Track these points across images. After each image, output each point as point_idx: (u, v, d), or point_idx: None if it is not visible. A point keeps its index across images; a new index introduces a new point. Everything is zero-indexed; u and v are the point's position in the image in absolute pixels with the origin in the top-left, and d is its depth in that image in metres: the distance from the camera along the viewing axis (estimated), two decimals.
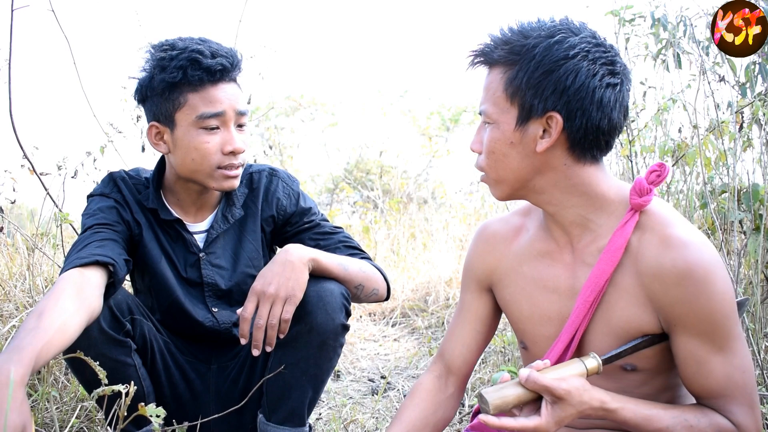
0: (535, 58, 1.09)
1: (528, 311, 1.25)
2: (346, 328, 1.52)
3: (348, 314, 1.53)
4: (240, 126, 1.54)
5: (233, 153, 1.51)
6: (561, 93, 1.08)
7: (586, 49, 1.09)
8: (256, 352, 1.43)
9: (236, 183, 1.55)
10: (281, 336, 1.44)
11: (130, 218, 1.57)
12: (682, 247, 1.07)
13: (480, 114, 1.18)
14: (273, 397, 1.52)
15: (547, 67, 1.08)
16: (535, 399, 1.09)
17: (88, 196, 1.61)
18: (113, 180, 1.61)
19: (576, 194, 1.15)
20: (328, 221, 1.73)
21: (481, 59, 1.17)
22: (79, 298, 1.24)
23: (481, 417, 1.08)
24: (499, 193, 1.20)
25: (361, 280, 1.57)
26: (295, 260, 1.44)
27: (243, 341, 1.45)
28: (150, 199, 1.59)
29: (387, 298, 1.66)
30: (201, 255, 1.62)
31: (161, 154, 1.60)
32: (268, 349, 1.44)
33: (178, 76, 1.45)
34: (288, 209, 1.68)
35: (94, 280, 1.31)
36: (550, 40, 1.09)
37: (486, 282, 1.34)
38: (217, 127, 1.50)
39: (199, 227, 1.63)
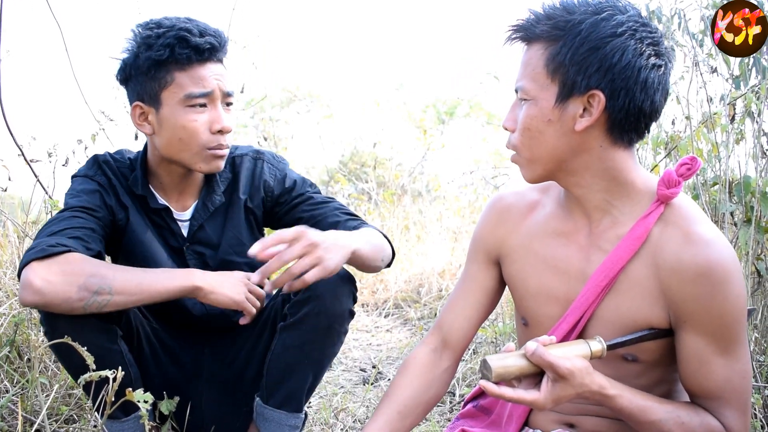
0: (581, 34, 1.05)
1: (534, 289, 1.23)
2: (352, 314, 1.52)
3: (355, 300, 1.52)
4: (228, 105, 1.52)
5: (221, 132, 1.48)
6: (606, 70, 1.04)
7: (634, 27, 1.05)
8: (268, 288, 1.38)
9: (222, 164, 1.53)
10: (290, 290, 1.36)
11: (114, 203, 1.55)
12: (704, 245, 1.06)
13: (516, 91, 1.14)
14: (273, 378, 1.52)
15: (594, 44, 1.04)
16: (536, 373, 1.08)
17: (73, 176, 1.59)
18: (97, 162, 1.58)
19: (606, 178, 1.13)
20: (320, 193, 1.68)
21: (521, 34, 1.12)
22: None
23: (482, 383, 1.06)
24: (531, 174, 1.17)
25: (383, 253, 1.54)
26: (345, 245, 1.37)
27: (258, 280, 1.36)
28: (139, 186, 1.56)
29: (390, 264, 1.61)
30: (185, 246, 1.61)
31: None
32: (268, 288, 1.38)
33: (165, 54, 1.43)
34: (275, 190, 1.65)
35: None
36: (597, 17, 1.05)
37: (494, 254, 1.31)
38: (205, 105, 1.48)
39: (184, 216, 1.62)
